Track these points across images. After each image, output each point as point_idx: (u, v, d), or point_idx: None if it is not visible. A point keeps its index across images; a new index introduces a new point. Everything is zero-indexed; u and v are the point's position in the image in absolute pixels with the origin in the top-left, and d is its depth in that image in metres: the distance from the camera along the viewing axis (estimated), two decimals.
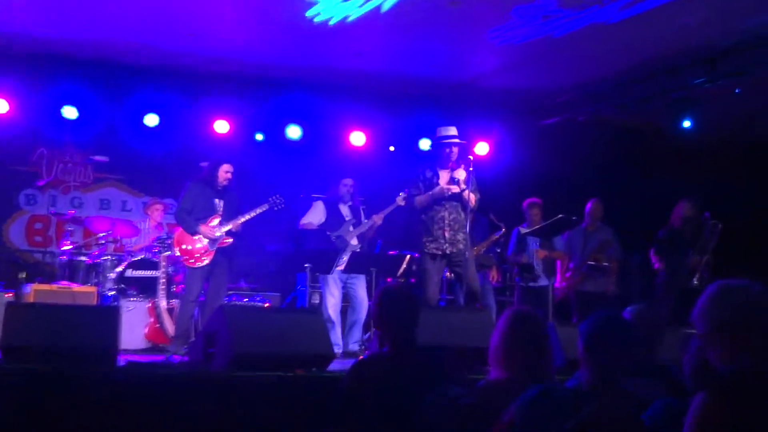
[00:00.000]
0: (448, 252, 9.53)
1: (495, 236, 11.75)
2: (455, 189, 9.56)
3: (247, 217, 9.88)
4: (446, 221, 9.58)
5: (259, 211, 9.99)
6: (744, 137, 14.22)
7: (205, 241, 9.72)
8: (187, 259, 9.74)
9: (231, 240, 9.82)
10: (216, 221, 9.78)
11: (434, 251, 9.57)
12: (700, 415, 3.00)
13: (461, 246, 9.56)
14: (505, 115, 14.09)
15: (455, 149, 9.78)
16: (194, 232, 9.71)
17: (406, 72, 12.59)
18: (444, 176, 9.76)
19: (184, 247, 9.76)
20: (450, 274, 10.13)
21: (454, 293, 10.19)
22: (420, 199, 9.73)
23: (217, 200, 9.90)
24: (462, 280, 9.63)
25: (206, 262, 9.68)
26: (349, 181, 10.97)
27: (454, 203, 9.65)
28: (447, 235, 9.54)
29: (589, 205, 11.85)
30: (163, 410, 6.50)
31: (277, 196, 10.17)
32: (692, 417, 3.03)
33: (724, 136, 13.77)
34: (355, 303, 10.64)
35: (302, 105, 13.29)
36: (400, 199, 10.52)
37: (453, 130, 9.86)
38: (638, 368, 4.30)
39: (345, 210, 10.87)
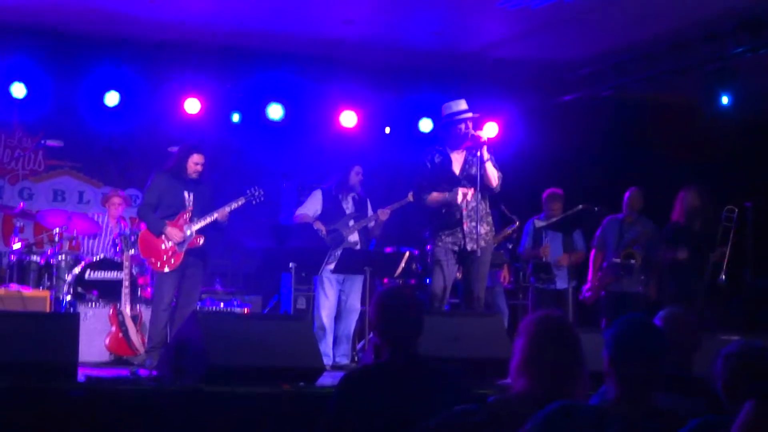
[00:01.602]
0: (468, 249, 9.21)
1: (507, 231, 11.77)
2: (470, 195, 9.21)
3: (224, 210, 9.83)
4: (464, 211, 9.25)
5: (234, 205, 9.92)
6: None
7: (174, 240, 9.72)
8: (153, 262, 9.75)
9: (203, 239, 9.84)
10: (186, 217, 9.77)
11: (451, 246, 9.30)
12: (749, 425, 3.04)
13: (483, 243, 9.22)
14: (517, 91, 14.10)
15: (470, 124, 9.42)
16: (160, 233, 9.72)
17: (403, 42, 12.61)
18: (457, 159, 9.44)
19: (149, 248, 9.78)
20: (459, 274, 9.87)
21: (460, 296, 10.09)
22: (432, 198, 9.33)
23: (186, 193, 9.88)
24: (465, 279, 9.44)
25: (175, 265, 9.67)
26: (360, 169, 10.93)
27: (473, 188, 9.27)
28: (466, 227, 9.23)
29: (627, 194, 11.83)
30: (129, 431, 6.53)
31: (256, 188, 10.09)
32: (739, 428, 3.07)
33: (766, 114, 13.79)
34: (344, 311, 10.66)
35: (284, 81, 13.31)
36: (412, 196, 10.47)
37: (463, 104, 9.51)
38: (672, 382, 4.33)
39: (347, 202, 10.84)
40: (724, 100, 12.40)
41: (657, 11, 11.13)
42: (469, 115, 9.44)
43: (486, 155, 9.19)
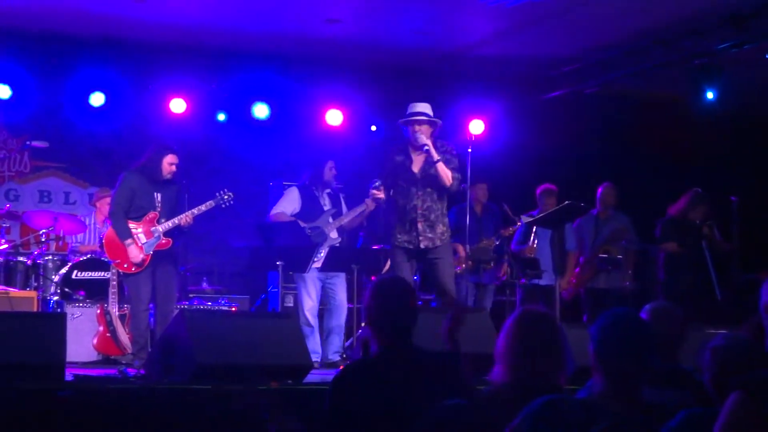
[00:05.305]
0: (422, 247, 9.29)
1: (510, 229, 11.68)
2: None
3: (188, 215, 9.55)
4: (419, 210, 9.31)
5: (204, 208, 9.66)
6: None
7: (141, 240, 9.45)
8: (119, 264, 9.52)
9: (170, 242, 9.56)
10: (154, 218, 9.52)
11: (406, 245, 9.35)
12: (734, 416, 3.06)
13: (438, 242, 9.32)
14: (502, 88, 14.11)
15: (422, 128, 9.31)
16: (122, 241, 9.43)
17: (388, 41, 12.61)
18: (418, 160, 9.40)
19: (114, 250, 9.50)
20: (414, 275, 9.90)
21: (433, 293, 10.09)
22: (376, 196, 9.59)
23: (156, 194, 9.58)
24: (433, 278, 9.49)
25: (142, 266, 9.42)
26: (333, 164, 10.86)
27: (428, 189, 9.34)
28: (420, 227, 9.29)
29: (600, 190, 11.85)
30: (118, 430, 6.52)
31: (225, 191, 9.82)
32: (725, 418, 3.09)
33: (751, 109, 13.83)
34: (333, 307, 10.63)
35: (270, 80, 13.30)
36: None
37: (420, 107, 9.45)
38: (658, 375, 4.34)
39: (324, 198, 10.81)
40: (709, 95, 12.43)
41: (641, 7, 11.16)
42: (419, 118, 9.36)
43: (435, 156, 9.19)
